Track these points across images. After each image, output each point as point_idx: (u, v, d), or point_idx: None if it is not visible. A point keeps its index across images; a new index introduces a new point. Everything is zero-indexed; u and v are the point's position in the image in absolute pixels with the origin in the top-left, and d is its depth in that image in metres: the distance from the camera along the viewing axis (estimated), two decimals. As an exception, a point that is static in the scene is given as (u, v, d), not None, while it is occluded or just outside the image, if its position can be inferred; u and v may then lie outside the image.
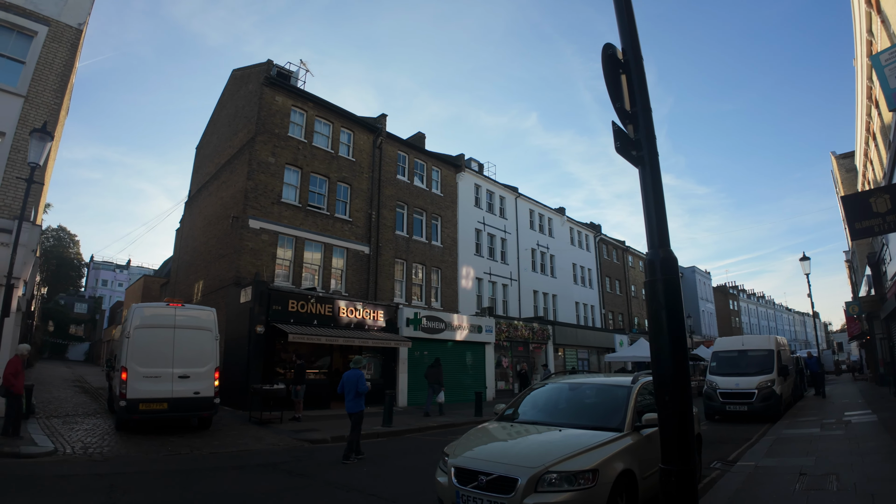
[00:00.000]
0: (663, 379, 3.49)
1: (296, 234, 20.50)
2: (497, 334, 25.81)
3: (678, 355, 3.48)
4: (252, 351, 17.24)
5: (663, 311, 3.54)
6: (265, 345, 17.44)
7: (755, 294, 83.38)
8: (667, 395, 3.41)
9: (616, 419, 5.51)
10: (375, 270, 22.73)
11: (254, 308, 17.54)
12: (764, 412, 14.79)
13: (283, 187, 20.66)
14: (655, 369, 3.56)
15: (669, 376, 3.44)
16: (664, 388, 3.47)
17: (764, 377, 15.38)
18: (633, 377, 6.34)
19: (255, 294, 17.71)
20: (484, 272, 28.75)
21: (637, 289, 46.99)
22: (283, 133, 21.03)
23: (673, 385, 3.39)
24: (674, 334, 3.52)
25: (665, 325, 3.51)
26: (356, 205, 22.90)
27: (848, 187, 26.21)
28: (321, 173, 22.01)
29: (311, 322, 18.44)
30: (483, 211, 29.82)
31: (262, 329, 17.44)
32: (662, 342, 3.50)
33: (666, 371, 3.47)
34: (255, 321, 17.46)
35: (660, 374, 3.53)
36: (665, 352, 3.48)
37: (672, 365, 3.43)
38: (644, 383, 6.27)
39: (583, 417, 5.71)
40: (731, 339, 18.64)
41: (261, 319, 17.52)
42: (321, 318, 18.77)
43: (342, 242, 21.92)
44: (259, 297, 17.68)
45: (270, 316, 17.65)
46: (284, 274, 20.06)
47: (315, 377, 18.57)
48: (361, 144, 23.89)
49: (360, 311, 20.03)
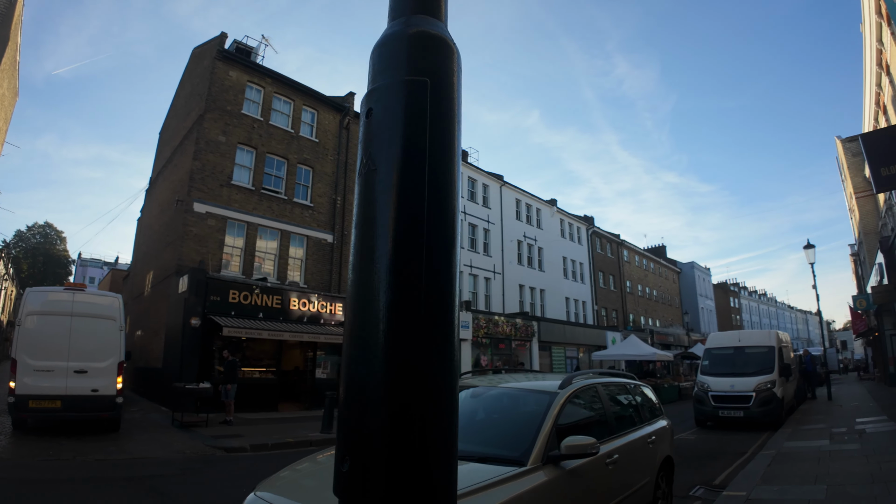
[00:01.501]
0: (364, 351, 1.23)
1: (248, 219, 18.62)
2: (475, 331, 23.88)
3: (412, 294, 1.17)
4: (186, 346, 15.38)
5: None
6: (201, 339, 15.56)
7: (756, 291, 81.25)
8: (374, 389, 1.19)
9: (519, 446, 3.56)
10: (340, 261, 20.82)
11: (189, 298, 15.68)
12: (762, 418, 12.93)
13: (234, 169, 18.80)
14: (349, 331, 1.26)
15: (378, 345, 1.23)
16: (359, 371, 1.21)
17: (763, 378, 13.45)
18: (566, 378, 4.41)
19: (192, 283, 15.84)
20: (464, 264, 26.81)
21: (633, 284, 45.00)
22: (236, 110, 19.16)
23: (387, 367, 1.24)
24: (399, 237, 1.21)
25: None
26: (319, 189, 21.00)
27: (855, 173, 24.28)
28: (279, 154, 20.13)
29: (255, 315, 16.56)
30: (464, 199, 27.87)
31: (198, 322, 15.56)
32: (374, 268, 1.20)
33: (371, 334, 1.24)
34: (190, 313, 15.60)
35: (358, 340, 1.22)
36: (376, 288, 1.18)
37: (385, 315, 1.23)
38: (579, 389, 4.37)
39: (475, 442, 3.71)
40: (726, 335, 16.76)
41: (197, 311, 15.65)
42: (268, 311, 16.88)
43: (302, 230, 20.03)
44: (195, 287, 15.81)
45: (208, 307, 15.78)
46: (233, 263, 18.19)
47: (261, 376, 16.70)
48: (326, 124, 22.00)
49: (314, 303, 18.13)
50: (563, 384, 4.25)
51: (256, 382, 16.36)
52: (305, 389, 17.95)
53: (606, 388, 5.04)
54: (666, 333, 45.22)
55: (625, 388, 5.66)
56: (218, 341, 15.92)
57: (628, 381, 5.90)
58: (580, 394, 4.35)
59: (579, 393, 4.33)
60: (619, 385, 5.60)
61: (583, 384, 4.45)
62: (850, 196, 26.90)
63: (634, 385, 5.97)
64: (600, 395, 4.79)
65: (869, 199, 23.30)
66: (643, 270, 47.78)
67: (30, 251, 74.31)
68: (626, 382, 5.81)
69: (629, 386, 5.79)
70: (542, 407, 3.89)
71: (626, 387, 5.72)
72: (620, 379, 5.87)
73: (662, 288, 51.23)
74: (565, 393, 4.11)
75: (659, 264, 51.59)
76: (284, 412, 16.85)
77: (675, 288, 54.54)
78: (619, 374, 6.31)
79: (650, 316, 46.85)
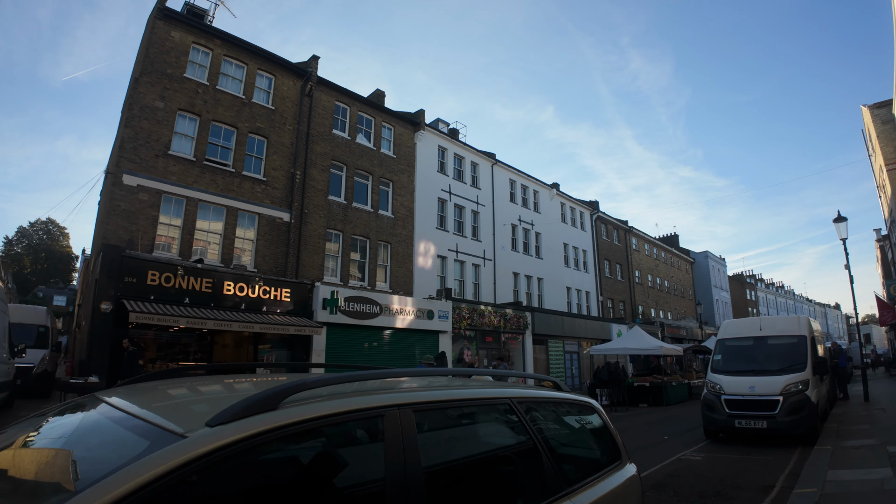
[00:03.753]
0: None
1: (187, 193, 16.28)
2: (456, 322, 21.34)
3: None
4: (94, 334, 13.14)
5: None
6: (113, 327, 13.23)
7: (774, 284, 77.50)
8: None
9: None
10: (298, 242, 18.40)
11: (100, 280, 13.41)
12: (792, 430, 9.90)
13: (172, 137, 16.48)
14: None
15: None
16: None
17: (792, 377, 10.34)
18: (261, 396, 1.59)
19: (105, 263, 13.59)
20: (449, 249, 24.27)
21: (642, 274, 42.09)
22: (177, 74, 16.86)
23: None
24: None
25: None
26: (274, 162, 18.59)
27: (886, 142, 21.30)
28: (227, 122, 17.77)
29: (180, 300, 14.21)
30: (449, 178, 25.30)
31: (109, 306, 13.26)
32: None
33: None
34: (101, 297, 13.32)
35: None
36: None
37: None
38: (298, 430, 1.54)
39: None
40: (744, 322, 13.42)
41: (108, 294, 13.36)
42: (196, 296, 14.53)
43: (252, 206, 17.65)
44: (109, 267, 13.54)
45: (121, 290, 13.47)
46: (170, 244, 15.86)
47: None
48: (285, 91, 19.58)
49: (255, 288, 15.73)
50: (219, 418, 1.60)
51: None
52: (247, 388, 15.55)
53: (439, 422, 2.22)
54: (678, 327, 42.26)
55: (503, 423, 2.48)
56: (134, 329, 13.64)
57: (521, 398, 2.51)
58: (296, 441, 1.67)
59: (284, 442, 1.62)
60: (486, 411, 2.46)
61: (312, 414, 1.68)
62: (879, 170, 23.85)
63: (555, 407, 2.84)
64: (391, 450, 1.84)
65: (904, 170, 20.35)
66: (654, 260, 44.82)
67: (32, 248, 73.24)
68: (503, 399, 2.46)
69: (522, 417, 2.42)
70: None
71: (512, 417, 2.42)
72: (500, 392, 2.49)
73: (674, 279, 48.21)
74: (203, 445, 1.49)
75: (671, 254, 48.56)
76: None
77: (688, 279, 51.45)
78: (496, 383, 2.96)
79: (661, 308, 43.92)
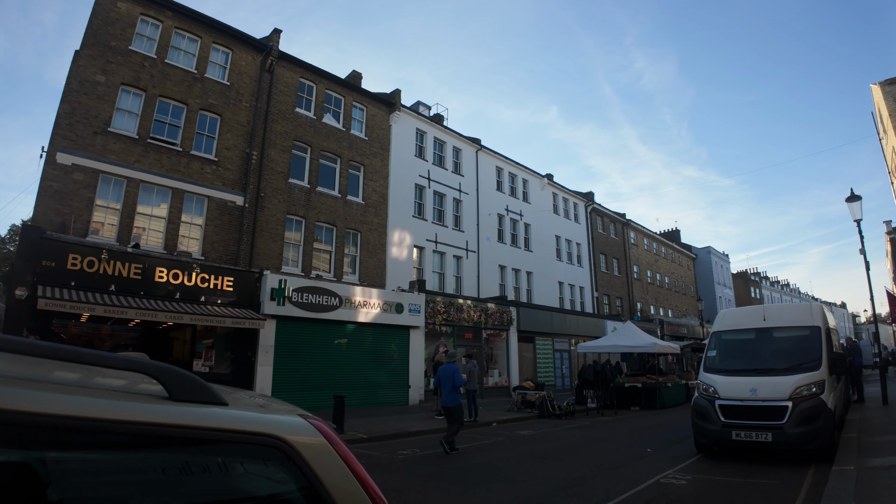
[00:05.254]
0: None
1: (128, 174, 14.91)
2: (430, 316, 19.79)
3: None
4: (9, 323, 11.80)
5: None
6: (29, 315, 11.82)
7: (779, 282, 75.35)
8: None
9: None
10: (253, 228, 16.94)
11: (17, 264, 12.11)
12: (804, 444, 7.93)
13: (114, 114, 15.14)
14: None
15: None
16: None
17: (804, 377, 8.32)
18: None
19: (23, 245, 12.24)
20: (427, 239, 22.74)
21: (641, 270, 40.38)
22: (122, 46, 15.57)
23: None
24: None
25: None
26: (228, 141, 17.15)
27: (902, 119, 19.56)
28: (177, 98, 16.38)
29: (105, 287, 12.80)
30: (428, 163, 23.77)
31: (24, 293, 11.91)
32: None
33: None
34: (17, 282, 11.95)
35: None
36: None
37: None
38: None
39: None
40: (744, 311, 11.30)
41: (25, 280, 11.98)
42: (124, 283, 13.11)
43: (202, 189, 16.22)
44: (26, 250, 12.21)
45: (38, 275, 12.06)
46: (106, 229, 14.45)
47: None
48: (243, 66, 18.14)
49: (192, 276, 14.24)
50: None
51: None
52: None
53: None
54: (678, 324, 40.58)
55: None
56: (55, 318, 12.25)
57: None
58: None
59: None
60: None
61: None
62: (891, 152, 22.09)
63: None
64: None
65: (921, 148, 18.60)
66: (653, 255, 43.09)
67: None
68: None
69: None
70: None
71: None
72: None
73: (675, 275, 46.44)
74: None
75: (671, 249, 46.79)
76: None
77: (689, 275, 49.66)
78: None
79: (661, 305, 42.20)
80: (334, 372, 16.49)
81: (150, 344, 15.09)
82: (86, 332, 13.51)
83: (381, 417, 14.39)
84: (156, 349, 14.93)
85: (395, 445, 10.63)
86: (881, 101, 21.18)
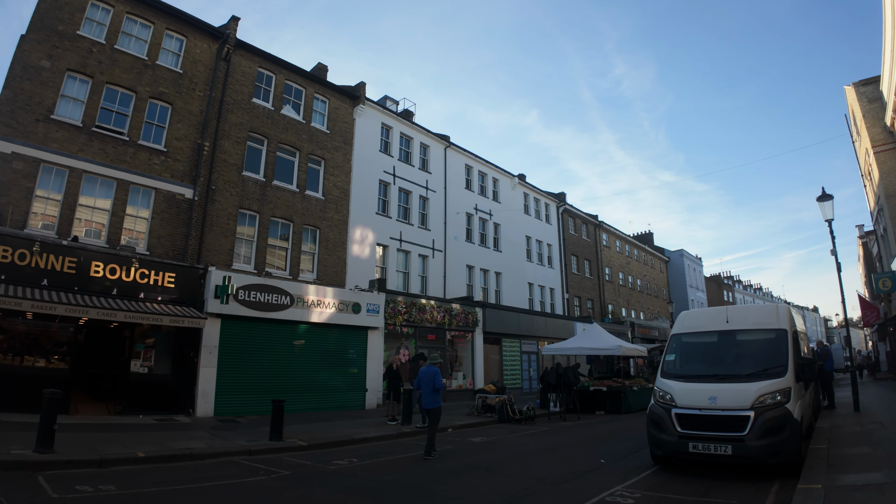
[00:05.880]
0: None
1: (70, 163, 14.10)
2: (390, 317, 19.19)
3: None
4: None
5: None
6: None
7: (752, 286, 76.23)
8: None
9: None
10: (202, 223, 16.16)
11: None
12: (767, 458, 7.28)
13: (58, 100, 14.35)
14: None
15: None
16: None
17: (768, 384, 7.69)
18: None
19: (-62, 238, 11.26)
20: (391, 237, 22.13)
21: (613, 272, 40.26)
22: (69, 31, 14.81)
23: None
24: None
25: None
26: (179, 131, 16.35)
27: (872, 123, 19.55)
28: (125, 86, 15.56)
29: (37, 281, 12.00)
30: (394, 159, 23.15)
31: (-64, 292, 10.97)
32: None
33: None
34: (-72, 280, 11.03)
35: None
36: None
37: None
38: None
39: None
40: (705, 313, 10.59)
41: (-60, 276, 11.07)
42: (58, 278, 12.35)
43: (149, 180, 15.41)
44: (-60, 243, 11.23)
45: (-47, 271, 11.19)
46: (48, 223, 13.61)
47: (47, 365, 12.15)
48: (198, 54, 17.34)
49: (130, 271, 13.45)
50: None
51: (34, 374, 11.82)
52: (119, 387, 13.39)
53: None
54: (650, 327, 40.64)
55: None
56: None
57: None
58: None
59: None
60: None
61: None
62: (865, 155, 22.09)
63: None
64: None
65: (891, 153, 18.51)
66: (625, 257, 43.04)
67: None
68: None
69: None
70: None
71: None
72: None
73: (648, 277, 46.49)
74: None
75: (644, 251, 46.83)
76: (82, 416, 12.34)
77: (662, 278, 49.80)
78: None
79: (633, 308, 42.16)
80: (285, 375, 15.79)
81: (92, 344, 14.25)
82: (25, 330, 12.61)
83: (330, 423, 13.76)
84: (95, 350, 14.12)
85: (334, 454, 10.03)
86: (855, 103, 21.15)
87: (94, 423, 11.80)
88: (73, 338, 13.00)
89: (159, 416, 13.16)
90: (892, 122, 17.37)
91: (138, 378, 13.30)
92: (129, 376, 13.22)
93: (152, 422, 12.47)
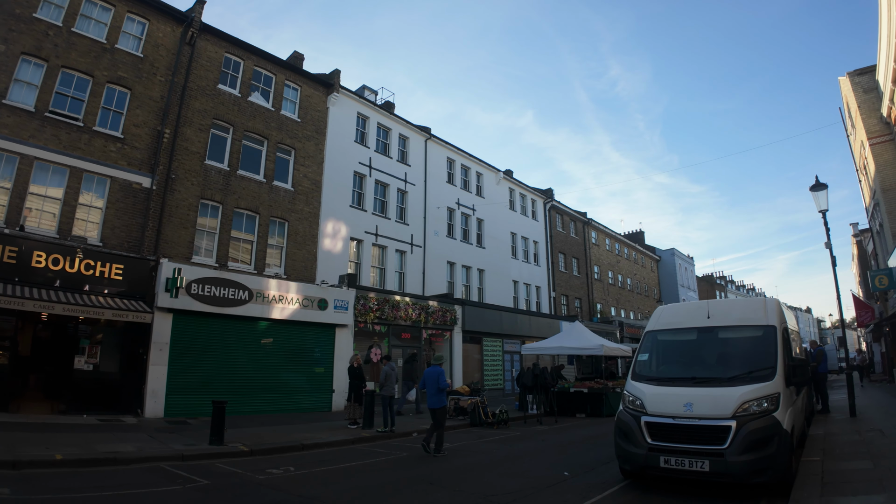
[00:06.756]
0: None
1: (20, 150, 13.38)
2: (361, 314, 18.46)
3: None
4: None
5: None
6: None
7: (745, 286, 75.69)
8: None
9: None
10: (161, 213, 15.42)
11: None
12: (750, 476, 6.16)
13: (11, 85, 13.66)
14: None
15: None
16: None
17: (753, 389, 6.62)
18: None
19: None
20: (366, 231, 21.40)
21: (602, 271, 39.60)
22: (25, 14, 14.17)
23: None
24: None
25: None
26: (137, 117, 15.60)
27: (868, 114, 18.87)
28: (82, 70, 14.83)
29: (-33, 273, 11.22)
30: (370, 150, 22.42)
31: None
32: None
33: None
34: None
35: None
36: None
37: None
38: None
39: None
40: (684, 308, 9.55)
41: None
42: (-8, 269, 11.55)
43: (104, 168, 14.66)
44: None
45: None
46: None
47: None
48: (160, 38, 16.57)
49: (75, 262, 12.71)
50: None
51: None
52: (62, 384, 12.65)
53: None
54: (639, 327, 39.87)
55: None
56: None
57: None
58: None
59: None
60: None
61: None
62: (860, 148, 21.42)
63: None
64: None
65: (888, 145, 17.83)
66: (615, 256, 42.37)
67: None
68: None
69: None
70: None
71: None
72: None
73: (638, 276, 45.85)
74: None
75: (634, 250, 46.18)
76: (23, 414, 11.64)
77: (653, 277, 49.17)
78: None
79: (623, 307, 41.52)
80: (244, 374, 15.06)
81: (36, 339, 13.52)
82: None
83: (287, 426, 13.04)
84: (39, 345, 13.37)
85: (274, 461, 9.31)
86: (849, 93, 20.47)
87: (30, 422, 11.10)
88: (13, 332, 12.27)
89: (105, 416, 12.44)
90: (889, 112, 16.68)
91: (83, 376, 12.59)
92: (73, 374, 12.49)
93: (95, 422, 11.76)
